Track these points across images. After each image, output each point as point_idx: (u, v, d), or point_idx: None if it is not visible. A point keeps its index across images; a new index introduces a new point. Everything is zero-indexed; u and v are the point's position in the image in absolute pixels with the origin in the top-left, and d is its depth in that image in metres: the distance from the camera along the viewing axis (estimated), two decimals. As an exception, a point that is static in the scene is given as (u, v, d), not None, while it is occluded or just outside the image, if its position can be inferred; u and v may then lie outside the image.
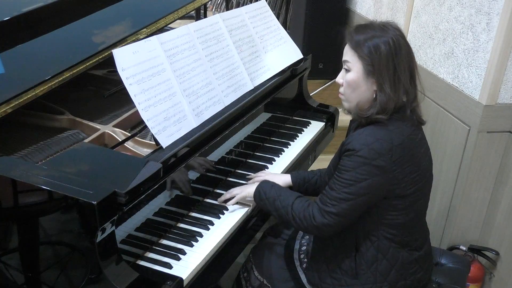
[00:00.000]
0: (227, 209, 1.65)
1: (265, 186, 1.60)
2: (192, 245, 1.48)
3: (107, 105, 1.85)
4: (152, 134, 1.45)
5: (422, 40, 2.49)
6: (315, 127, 2.27)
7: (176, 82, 1.58)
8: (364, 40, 1.41)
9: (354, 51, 1.43)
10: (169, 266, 1.38)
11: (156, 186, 1.41)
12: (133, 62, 1.47)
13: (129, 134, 1.63)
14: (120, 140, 1.59)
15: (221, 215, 1.62)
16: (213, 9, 4.97)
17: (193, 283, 1.38)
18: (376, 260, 1.49)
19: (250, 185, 1.67)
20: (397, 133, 1.41)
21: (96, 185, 1.21)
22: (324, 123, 2.31)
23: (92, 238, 1.19)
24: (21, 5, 1.72)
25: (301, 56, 2.22)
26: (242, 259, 1.83)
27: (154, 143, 1.48)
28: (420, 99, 1.51)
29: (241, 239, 1.61)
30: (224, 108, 1.73)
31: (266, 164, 1.94)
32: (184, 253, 1.44)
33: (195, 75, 1.66)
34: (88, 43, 1.74)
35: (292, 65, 2.15)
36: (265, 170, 1.89)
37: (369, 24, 1.46)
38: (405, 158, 1.41)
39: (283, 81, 2.10)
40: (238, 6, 3.09)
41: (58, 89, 1.58)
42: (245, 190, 1.65)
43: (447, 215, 2.28)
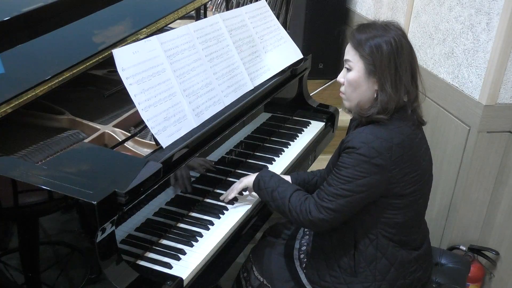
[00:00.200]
0: (227, 209, 1.65)
1: (265, 176, 1.60)
2: (192, 245, 1.48)
3: (107, 105, 1.85)
4: (152, 134, 1.46)
5: (422, 40, 2.49)
6: (315, 127, 2.27)
7: (176, 82, 1.58)
8: (366, 40, 1.41)
9: (356, 50, 1.43)
10: (169, 266, 1.38)
11: (156, 186, 1.41)
12: (133, 62, 1.47)
13: (129, 134, 1.63)
14: (120, 140, 1.59)
15: (221, 215, 1.62)
16: (213, 9, 4.97)
17: (193, 283, 1.38)
18: (375, 259, 1.49)
19: (250, 175, 1.68)
20: (397, 133, 1.41)
21: (96, 185, 1.21)
22: (324, 123, 2.31)
23: (92, 238, 1.19)
24: (21, 5, 1.72)
25: (301, 56, 2.22)
26: (242, 259, 1.83)
27: (154, 143, 1.48)
28: (421, 100, 1.51)
29: (241, 239, 1.61)
30: (224, 108, 1.73)
31: (266, 164, 1.94)
32: (184, 253, 1.44)
33: (195, 75, 1.66)
34: (88, 43, 1.74)
35: (292, 65, 2.15)
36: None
37: (371, 24, 1.46)
38: (405, 158, 1.41)
39: (283, 81, 2.10)
40: (238, 6, 3.08)
41: (58, 89, 1.58)
42: (245, 180, 1.66)
43: (447, 215, 2.28)
